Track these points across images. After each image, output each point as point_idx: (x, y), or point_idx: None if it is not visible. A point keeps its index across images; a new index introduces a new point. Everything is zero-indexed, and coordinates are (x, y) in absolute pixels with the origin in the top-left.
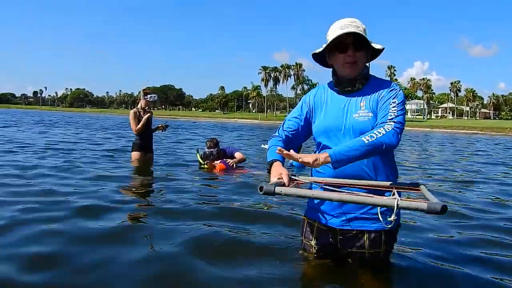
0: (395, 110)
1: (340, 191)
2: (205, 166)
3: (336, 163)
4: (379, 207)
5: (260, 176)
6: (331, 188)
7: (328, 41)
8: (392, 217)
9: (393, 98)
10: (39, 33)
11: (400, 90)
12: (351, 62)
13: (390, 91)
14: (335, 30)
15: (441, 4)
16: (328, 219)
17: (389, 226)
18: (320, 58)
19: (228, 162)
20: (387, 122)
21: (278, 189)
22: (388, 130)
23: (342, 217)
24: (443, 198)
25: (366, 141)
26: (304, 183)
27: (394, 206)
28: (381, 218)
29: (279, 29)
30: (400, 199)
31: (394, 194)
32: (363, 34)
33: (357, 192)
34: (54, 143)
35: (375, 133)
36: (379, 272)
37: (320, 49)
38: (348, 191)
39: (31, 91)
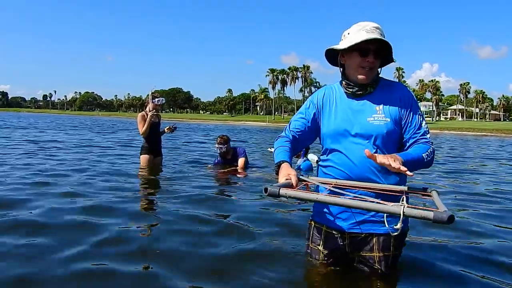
0: (425, 124)
1: (347, 195)
2: None
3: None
4: (385, 214)
5: (273, 180)
6: (338, 190)
7: (352, 42)
8: (398, 225)
9: (419, 109)
10: (49, 40)
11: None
12: (369, 68)
13: (410, 97)
14: (360, 32)
15: (449, 5)
16: (336, 222)
17: (395, 233)
18: (330, 55)
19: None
20: (428, 140)
21: (282, 192)
22: (433, 152)
23: (351, 220)
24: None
25: (425, 159)
26: (312, 184)
27: (400, 214)
28: (387, 225)
29: (287, 31)
30: (407, 206)
31: (403, 200)
32: (390, 44)
33: (364, 197)
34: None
35: (429, 152)
36: (388, 276)
37: (341, 47)
38: (356, 195)
39: (41, 95)
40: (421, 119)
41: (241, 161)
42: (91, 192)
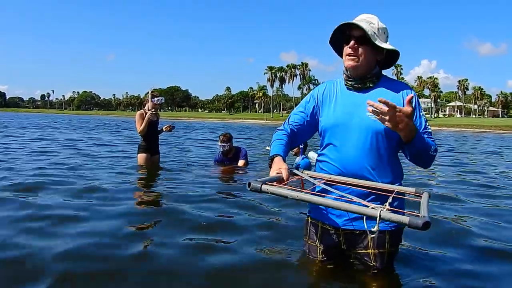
0: (428, 126)
1: (334, 193)
2: None
3: (413, 143)
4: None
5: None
6: (328, 188)
7: (331, 33)
8: (375, 228)
9: (421, 110)
10: (49, 40)
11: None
12: (350, 54)
13: (415, 99)
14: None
15: (448, 2)
16: (331, 219)
17: (372, 236)
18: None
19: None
20: (434, 140)
21: (264, 187)
22: (436, 149)
23: (344, 216)
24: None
25: (431, 151)
26: (303, 178)
27: (376, 217)
28: (365, 225)
29: (287, 29)
30: (386, 209)
31: (388, 201)
32: (363, 28)
33: (350, 197)
34: None
35: (433, 149)
36: (384, 273)
37: (329, 39)
38: (346, 192)
39: (39, 94)
40: (425, 120)
41: (241, 162)
42: (89, 190)
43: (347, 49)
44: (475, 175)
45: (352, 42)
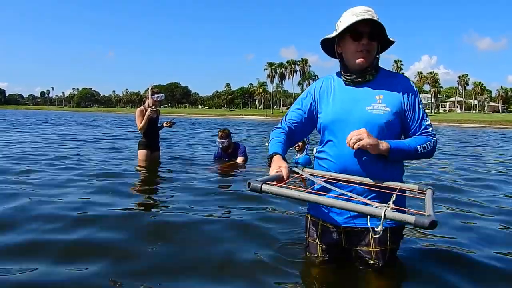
0: (426, 117)
1: (335, 191)
2: None
3: (390, 156)
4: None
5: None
6: (330, 186)
7: (342, 28)
8: (379, 228)
9: (421, 102)
10: (49, 40)
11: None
12: (365, 50)
13: (414, 90)
14: (350, 17)
15: None
16: (331, 217)
17: (377, 236)
18: (328, 47)
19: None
20: (431, 133)
21: (264, 187)
22: (434, 144)
23: (345, 214)
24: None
25: (420, 151)
26: (303, 176)
27: (381, 217)
28: (369, 224)
29: (287, 25)
30: (390, 209)
31: (392, 199)
32: (382, 24)
33: (353, 195)
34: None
35: (427, 144)
36: (386, 271)
37: (333, 35)
38: (347, 190)
39: (39, 91)
40: (424, 112)
41: (239, 159)
42: (89, 187)
43: (359, 46)
44: (476, 169)
45: (366, 38)
